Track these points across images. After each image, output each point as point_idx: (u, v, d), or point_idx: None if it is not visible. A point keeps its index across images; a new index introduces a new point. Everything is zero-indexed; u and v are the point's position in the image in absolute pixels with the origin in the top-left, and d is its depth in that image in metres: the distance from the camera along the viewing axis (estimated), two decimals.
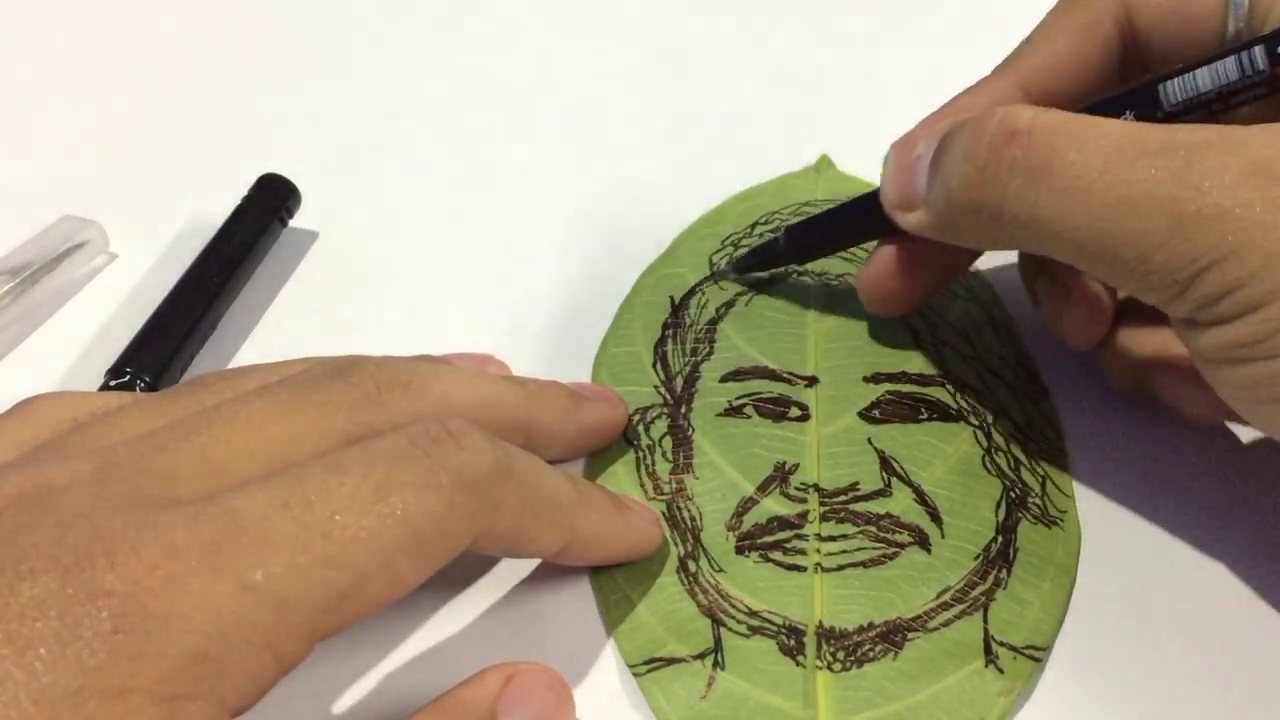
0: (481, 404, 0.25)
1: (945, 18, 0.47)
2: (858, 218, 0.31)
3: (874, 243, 0.31)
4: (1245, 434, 0.30)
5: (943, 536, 0.27)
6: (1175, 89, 0.25)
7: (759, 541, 0.27)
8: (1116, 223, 0.22)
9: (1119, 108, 0.26)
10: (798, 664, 0.25)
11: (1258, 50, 0.24)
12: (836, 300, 0.33)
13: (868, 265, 0.30)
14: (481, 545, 0.22)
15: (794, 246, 0.32)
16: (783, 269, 0.34)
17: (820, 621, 0.25)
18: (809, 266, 0.34)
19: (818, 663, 0.25)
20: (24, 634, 0.16)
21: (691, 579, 0.26)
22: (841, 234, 0.32)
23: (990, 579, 0.26)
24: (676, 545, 0.27)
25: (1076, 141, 0.23)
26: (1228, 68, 0.24)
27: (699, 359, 0.31)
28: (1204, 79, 0.25)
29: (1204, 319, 0.23)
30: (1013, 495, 0.28)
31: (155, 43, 0.47)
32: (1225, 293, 0.22)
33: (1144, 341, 0.29)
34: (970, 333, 0.32)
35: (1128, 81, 0.27)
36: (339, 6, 0.49)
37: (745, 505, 0.28)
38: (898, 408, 0.30)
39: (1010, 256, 0.32)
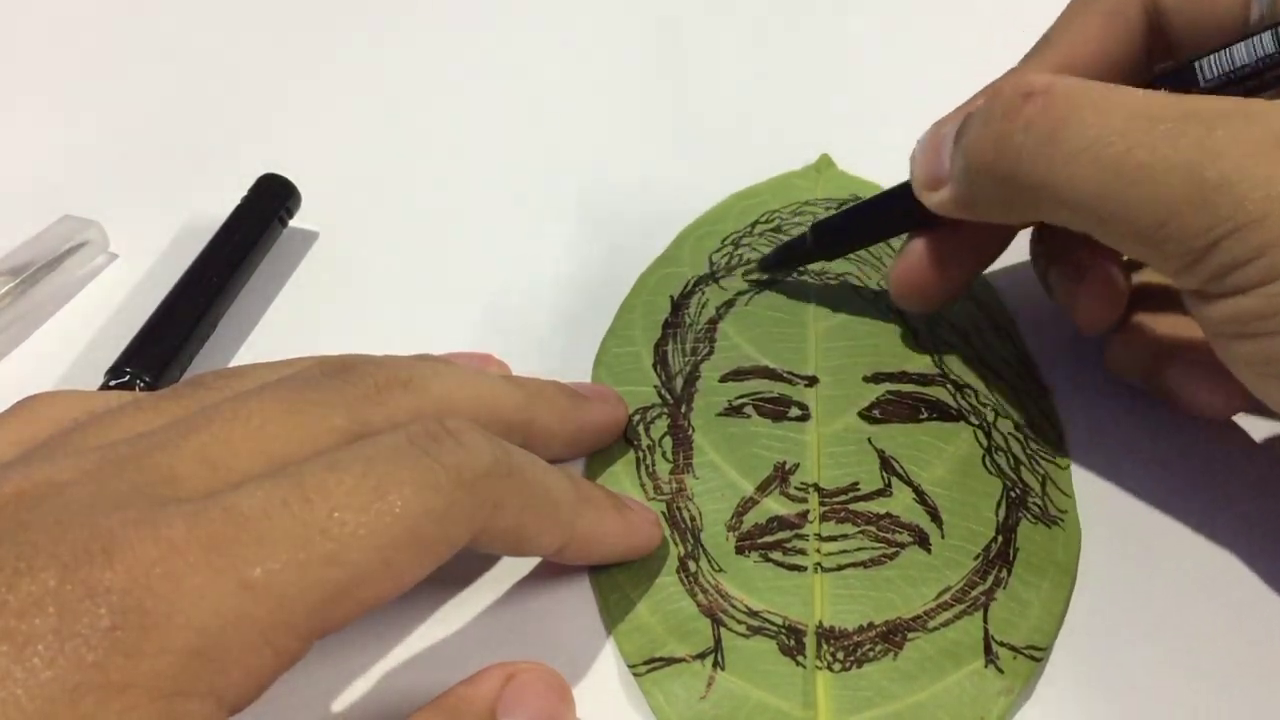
0: (481, 403, 0.25)
1: (946, 17, 0.47)
2: (887, 211, 0.31)
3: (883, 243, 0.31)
4: (1244, 433, 0.30)
5: (943, 536, 0.27)
6: (1212, 65, 0.25)
7: (759, 541, 0.27)
8: (1132, 187, 0.22)
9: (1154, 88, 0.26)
10: (798, 664, 0.25)
11: None
12: (837, 300, 0.33)
13: (899, 260, 0.30)
14: (481, 543, 0.22)
15: (822, 244, 0.32)
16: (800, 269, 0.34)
17: (820, 621, 0.25)
18: (808, 267, 0.34)
19: (818, 663, 0.25)
20: (23, 630, 0.16)
21: (691, 579, 0.26)
22: (870, 229, 0.32)
23: (990, 579, 0.26)
24: (676, 545, 0.27)
25: (1095, 105, 0.23)
26: (1264, 41, 0.24)
27: (699, 359, 0.31)
28: (1240, 54, 0.25)
29: (1217, 290, 0.22)
30: (1013, 495, 0.28)
31: (156, 43, 0.47)
32: (1240, 263, 0.21)
33: (1155, 330, 0.29)
34: (970, 333, 0.32)
35: (1153, 71, 0.27)
36: (339, 7, 0.49)
37: (745, 505, 0.28)
38: (898, 407, 0.30)
39: (1011, 257, 0.32)
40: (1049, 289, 0.30)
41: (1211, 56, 0.25)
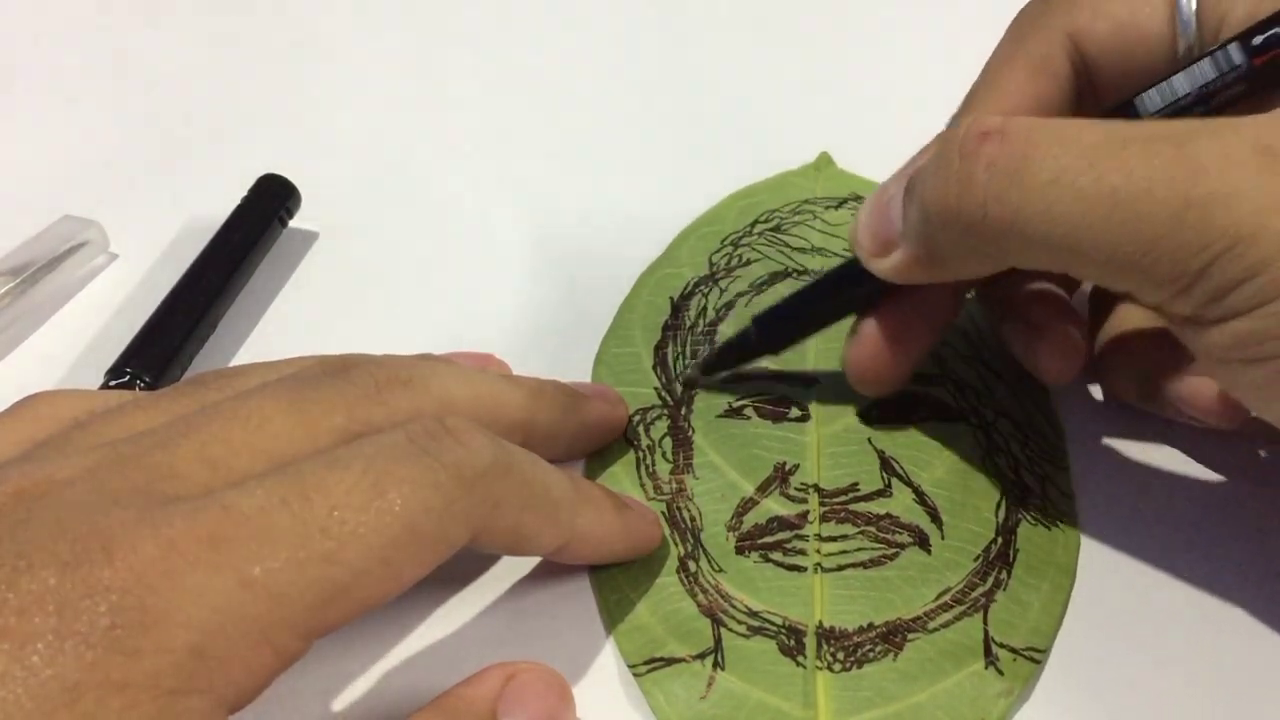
0: (481, 402, 0.25)
1: (945, 17, 0.47)
2: (831, 292, 0.29)
3: None
4: (1242, 436, 0.30)
5: (943, 537, 0.27)
6: (1153, 97, 0.25)
7: (759, 542, 0.27)
8: (1113, 212, 0.21)
9: None
10: (798, 664, 0.25)
11: (1233, 48, 0.24)
12: None
13: (852, 346, 0.28)
14: (480, 542, 0.22)
15: (766, 337, 0.30)
16: (752, 364, 0.31)
17: (820, 622, 0.25)
18: (808, 266, 0.34)
19: (818, 663, 0.25)
20: (22, 629, 0.16)
21: (691, 579, 0.26)
22: (816, 314, 0.30)
23: (990, 580, 0.26)
24: (676, 545, 0.27)
25: (1056, 136, 0.22)
26: (1204, 69, 0.24)
27: (699, 361, 0.31)
28: (1181, 84, 0.24)
29: (1214, 315, 0.21)
30: (1013, 496, 0.28)
31: (155, 43, 0.47)
32: (1237, 283, 0.20)
33: (1138, 361, 0.28)
34: (970, 332, 0.32)
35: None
36: (339, 7, 0.49)
37: (745, 505, 0.28)
38: (898, 408, 0.30)
39: None
40: (1005, 341, 0.29)
41: (1152, 90, 0.25)
